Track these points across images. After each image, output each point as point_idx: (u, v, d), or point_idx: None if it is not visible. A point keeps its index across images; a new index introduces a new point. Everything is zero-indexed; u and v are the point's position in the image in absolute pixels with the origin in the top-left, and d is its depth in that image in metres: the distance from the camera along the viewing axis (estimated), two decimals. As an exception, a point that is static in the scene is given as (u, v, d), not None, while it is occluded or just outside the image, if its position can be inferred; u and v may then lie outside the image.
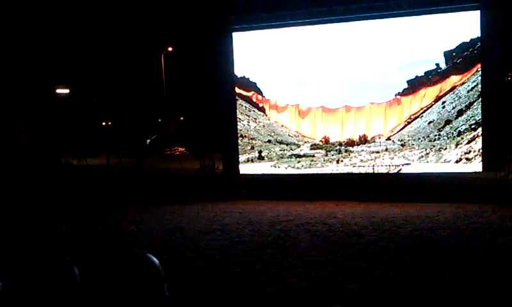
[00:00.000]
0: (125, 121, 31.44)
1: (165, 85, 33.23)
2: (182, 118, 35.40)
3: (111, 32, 25.73)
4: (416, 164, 11.57)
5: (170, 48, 32.78)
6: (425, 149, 11.56)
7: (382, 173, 11.74)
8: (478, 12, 10.91)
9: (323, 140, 12.44)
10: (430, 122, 11.59)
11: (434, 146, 11.50)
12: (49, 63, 21.96)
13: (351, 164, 12.11)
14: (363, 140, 12.08)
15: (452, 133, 11.37)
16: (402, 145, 11.75)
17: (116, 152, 18.02)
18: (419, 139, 11.64)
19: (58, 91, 24.64)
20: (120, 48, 27.73)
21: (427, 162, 11.51)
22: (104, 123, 32.56)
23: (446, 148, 11.38)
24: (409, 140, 11.72)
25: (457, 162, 11.27)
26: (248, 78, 13.02)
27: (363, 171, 11.97)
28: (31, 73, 22.55)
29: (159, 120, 33.62)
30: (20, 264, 6.65)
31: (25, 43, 19.93)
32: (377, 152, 11.92)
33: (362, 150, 12.06)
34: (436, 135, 11.54)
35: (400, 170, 11.64)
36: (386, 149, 11.85)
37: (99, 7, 22.37)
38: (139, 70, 30.49)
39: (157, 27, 28.95)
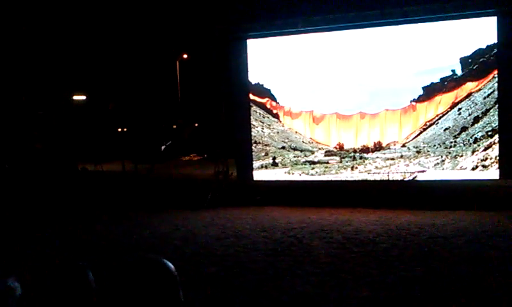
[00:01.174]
0: (140, 127, 31.68)
1: (180, 91, 33.44)
2: (196, 125, 35.55)
3: (127, 40, 26.00)
4: (432, 171, 11.46)
5: (185, 55, 33.00)
6: (441, 157, 11.44)
7: (397, 180, 11.64)
8: (494, 18, 10.81)
9: (337, 146, 12.39)
10: (446, 129, 11.48)
11: (450, 153, 11.38)
12: (66, 70, 22.27)
13: (365, 171, 12.04)
14: (378, 147, 12.01)
15: (469, 140, 11.24)
16: (418, 152, 11.65)
17: (132, 158, 18.15)
18: (435, 146, 11.53)
19: (75, 97, 24.95)
20: (135, 55, 27.99)
21: (443, 169, 11.39)
22: (119, 130, 32.85)
23: (462, 155, 11.26)
24: (424, 147, 11.62)
25: (473, 169, 11.14)
26: (262, 85, 13.05)
27: (378, 178, 11.89)
28: (48, 80, 22.87)
29: (174, 126, 33.82)
30: (36, 269, 6.72)
31: (44, 50, 20.23)
32: (392, 159, 11.84)
33: (377, 157, 11.99)
34: (452, 142, 11.42)
35: (415, 177, 11.54)
36: (402, 156, 11.76)
37: (115, 14, 22.64)
38: (155, 76, 30.73)
39: (172, 34, 29.18)
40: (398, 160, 11.77)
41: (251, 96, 13.04)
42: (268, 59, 12.95)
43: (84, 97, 26.25)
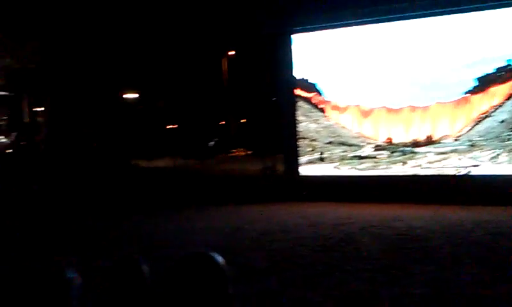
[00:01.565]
0: (189, 124, 32.21)
1: (227, 88, 33.74)
2: (243, 121, 35.77)
3: (175, 38, 26.47)
4: (487, 165, 11.01)
5: (232, 52, 33.22)
6: (496, 150, 10.97)
7: (450, 175, 11.27)
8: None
9: (387, 141, 12.14)
10: (501, 121, 10.98)
11: (506, 146, 10.89)
12: (118, 68, 22.96)
13: (416, 165, 11.73)
14: (430, 140, 11.66)
15: (526, 133, 10.72)
16: (471, 146, 11.22)
17: (181, 154, 18.53)
18: (489, 139, 11.06)
19: (126, 95, 25.70)
20: (183, 52, 28.47)
21: (499, 163, 10.92)
22: (169, 126, 33.53)
23: (519, 149, 10.75)
24: (479, 140, 11.17)
25: (532, 163, 10.61)
26: (308, 80, 12.96)
27: (430, 173, 11.55)
28: (101, 79, 23.67)
29: (222, 123, 34.18)
30: (93, 262, 7.00)
31: (97, 49, 20.94)
32: (445, 153, 11.46)
33: (428, 151, 11.64)
34: (508, 135, 10.91)
35: (469, 172, 11.13)
36: (454, 150, 11.36)
37: (164, 12, 23.11)
38: (202, 73, 31.16)
39: (218, 30, 29.45)
40: (450, 154, 11.38)
41: (298, 91, 12.98)
42: (314, 53, 12.85)
43: (135, 95, 27.00)
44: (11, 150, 19.67)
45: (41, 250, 7.79)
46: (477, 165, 11.08)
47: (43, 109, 22.32)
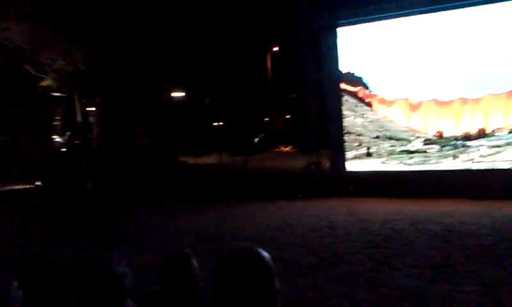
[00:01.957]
0: (234, 120, 32.49)
1: (272, 84, 33.76)
2: (288, 116, 35.69)
3: (220, 35, 26.73)
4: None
5: (276, 48, 33.19)
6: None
7: (504, 169, 10.81)
8: None
9: (437, 134, 11.79)
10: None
11: None
12: (167, 67, 23.45)
13: (468, 160, 11.33)
14: (482, 134, 11.22)
15: None
16: (528, 138, 10.70)
17: (228, 150, 18.75)
18: (547, 131, 10.52)
19: (174, 94, 26.23)
20: (228, 49, 28.71)
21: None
22: (215, 123, 33.95)
23: None
24: (535, 132, 10.64)
25: None
26: (354, 74, 12.78)
27: (483, 167, 11.13)
28: (150, 78, 24.25)
29: (267, 119, 34.26)
30: (144, 254, 7.22)
31: (146, 49, 21.46)
32: (498, 146, 11.00)
33: (481, 145, 11.21)
34: None
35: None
36: (508, 144, 10.88)
37: (207, 9, 23.38)
38: (247, 70, 31.30)
39: (263, 26, 29.48)
40: (504, 148, 10.91)
41: (343, 86, 12.83)
42: (359, 46, 12.65)
43: (183, 93, 27.51)
44: (65, 149, 20.52)
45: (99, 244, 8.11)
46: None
47: (95, 109, 23.14)
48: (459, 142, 11.47)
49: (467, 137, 11.38)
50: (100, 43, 19.51)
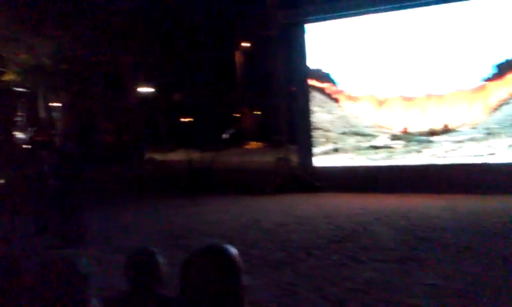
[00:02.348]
0: (203, 116, 32.26)
1: (241, 80, 33.71)
2: (257, 112, 35.74)
3: (190, 31, 26.50)
4: (504, 153, 10.86)
5: (245, 43, 33.15)
6: (514, 138, 10.80)
7: (466, 164, 11.15)
8: None
9: (402, 130, 12.04)
10: (519, 109, 10.81)
11: (524, 134, 10.72)
12: (133, 62, 23.08)
13: (432, 155, 11.63)
14: (446, 129, 11.53)
15: (545, 120, 10.54)
16: (489, 134, 11.07)
17: (196, 146, 18.65)
18: (507, 127, 10.90)
19: (141, 89, 25.87)
20: (197, 45, 28.48)
21: (517, 151, 10.76)
22: (184, 119, 33.66)
23: (538, 136, 10.58)
24: (496, 128, 11.02)
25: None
26: (322, 70, 12.90)
27: (446, 162, 11.44)
28: (116, 72, 23.81)
29: (236, 115, 34.23)
30: (111, 252, 7.11)
31: (113, 43, 21.05)
32: (461, 142, 11.33)
33: (445, 140, 11.52)
34: (526, 122, 10.74)
35: (486, 160, 10.99)
36: (471, 139, 11.23)
37: (178, 4, 23.14)
38: (216, 65, 31.16)
39: (232, 22, 29.38)
40: (467, 143, 11.25)
41: (311, 82, 12.93)
42: (327, 42, 12.77)
43: (150, 89, 27.17)
44: (28, 145, 19.99)
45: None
46: (493, 154, 10.94)
47: (59, 104, 22.61)
48: (423, 137, 11.76)
49: (432, 133, 11.67)
50: (65, 37, 19.05)
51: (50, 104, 23.75)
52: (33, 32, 18.34)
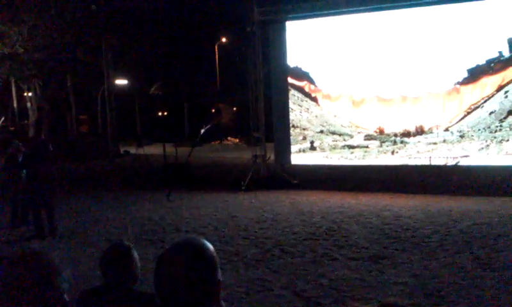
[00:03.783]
0: (180, 111, 32.03)
1: (219, 75, 33.61)
2: (235, 108, 35.71)
3: (167, 24, 26.24)
4: (476, 156, 11.12)
5: (224, 39, 33.06)
6: (486, 141, 11.07)
7: (439, 165, 11.38)
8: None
9: (377, 130, 12.20)
10: (491, 112, 11.07)
11: (495, 137, 10.99)
12: (109, 54, 22.74)
13: (406, 156, 11.82)
14: (420, 131, 11.73)
15: (516, 124, 10.82)
16: (461, 136, 11.31)
17: (172, 141, 18.53)
18: (479, 130, 11.16)
19: (117, 81, 25.52)
20: (175, 40, 28.24)
21: (488, 154, 11.03)
22: (160, 113, 33.37)
23: (508, 140, 10.86)
24: (468, 131, 11.27)
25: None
26: (301, 68, 12.95)
27: (419, 163, 11.65)
28: (92, 63, 23.43)
29: (213, 110, 34.12)
30: (83, 247, 7.01)
31: (87, 34, 20.69)
32: (435, 143, 11.55)
33: (418, 141, 11.72)
34: (497, 126, 11.01)
35: (458, 162, 11.23)
36: (444, 141, 11.45)
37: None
38: (194, 60, 30.96)
39: (210, 18, 29.24)
40: (440, 145, 11.48)
41: (290, 80, 12.97)
42: (307, 41, 12.82)
43: (125, 81, 26.81)
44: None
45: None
46: (466, 156, 11.19)
47: (31, 94, 22.12)
48: (398, 138, 11.93)
49: (406, 134, 11.86)
50: (39, 26, 18.62)
51: (23, 94, 23.25)
52: (5, 19, 17.88)
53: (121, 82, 26.12)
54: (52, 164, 8.03)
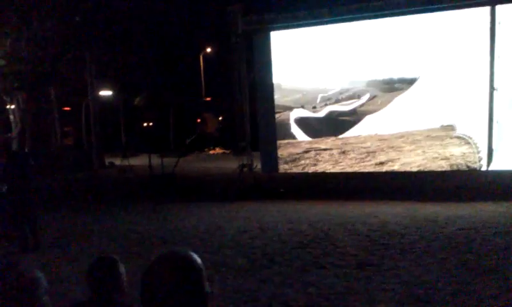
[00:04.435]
0: (165, 121, 31.88)
1: (204, 85, 33.59)
2: (221, 118, 35.68)
3: (153, 35, 26.20)
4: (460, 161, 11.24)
5: (209, 49, 33.09)
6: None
7: (426, 171, 11.49)
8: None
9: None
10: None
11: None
12: (93, 64, 22.60)
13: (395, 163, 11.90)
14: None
15: None
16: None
17: (157, 151, 18.44)
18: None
19: (102, 93, 25.35)
20: (159, 49, 28.18)
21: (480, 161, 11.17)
22: (145, 124, 33.18)
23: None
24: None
25: None
26: (285, 77, 13.01)
27: (406, 170, 11.75)
28: (76, 75, 23.25)
29: (198, 120, 34.05)
30: (68, 261, 6.90)
31: (71, 45, 20.54)
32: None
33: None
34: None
35: (445, 168, 11.34)
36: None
37: (140, 8, 22.84)
38: (179, 70, 30.92)
39: (195, 27, 29.26)
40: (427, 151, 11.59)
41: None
42: (289, 51, 12.92)
43: (110, 93, 26.65)
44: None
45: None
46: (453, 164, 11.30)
47: (15, 106, 21.84)
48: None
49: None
50: (22, 38, 18.44)
51: (5, 106, 22.93)
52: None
53: (105, 93, 25.96)
54: (33, 177, 7.91)
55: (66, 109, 26.39)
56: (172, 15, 26.14)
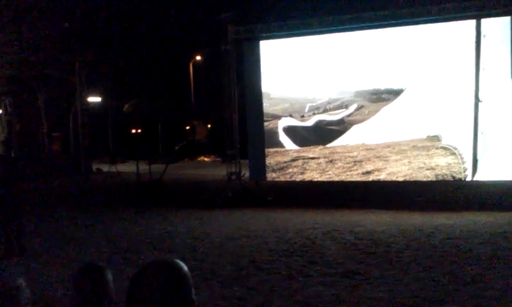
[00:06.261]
0: (153, 128, 31.76)
1: (194, 93, 33.57)
2: (209, 126, 35.64)
3: (142, 42, 26.16)
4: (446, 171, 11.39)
5: (198, 57, 33.11)
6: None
7: (413, 181, 11.60)
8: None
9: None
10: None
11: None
12: (82, 70, 22.48)
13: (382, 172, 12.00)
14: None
15: None
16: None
17: (146, 158, 18.36)
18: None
19: (90, 99, 25.21)
20: (150, 57, 28.13)
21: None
22: (133, 130, 33.02)
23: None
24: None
25: None
26: (274, 85, 13.08)
27: (393, 179, 11.85)
28: (64, 80, 23.11)
29: (187, 128, 33.99)
30: (54, 267, 6.84)
31: (60, 50, 20.44)
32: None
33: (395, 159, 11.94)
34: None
35: (431, 178, 11.47)
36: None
37: (129, 15, 22.82)
38: (168, 77, 30.88)
39: (185, 35, 29.29)
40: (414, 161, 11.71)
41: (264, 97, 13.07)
42: (278, 60, 13.01)
43: (99, 99, 26.51)
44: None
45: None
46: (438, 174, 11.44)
47: (1, 111, 21.63)
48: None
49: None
50: (11, 42, 18.32)
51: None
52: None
53: (94, 99, 25.83)
54: (20, 182, 7.85)
55: (53, 114, 26.17)
56: (163, 22, 26.13)
